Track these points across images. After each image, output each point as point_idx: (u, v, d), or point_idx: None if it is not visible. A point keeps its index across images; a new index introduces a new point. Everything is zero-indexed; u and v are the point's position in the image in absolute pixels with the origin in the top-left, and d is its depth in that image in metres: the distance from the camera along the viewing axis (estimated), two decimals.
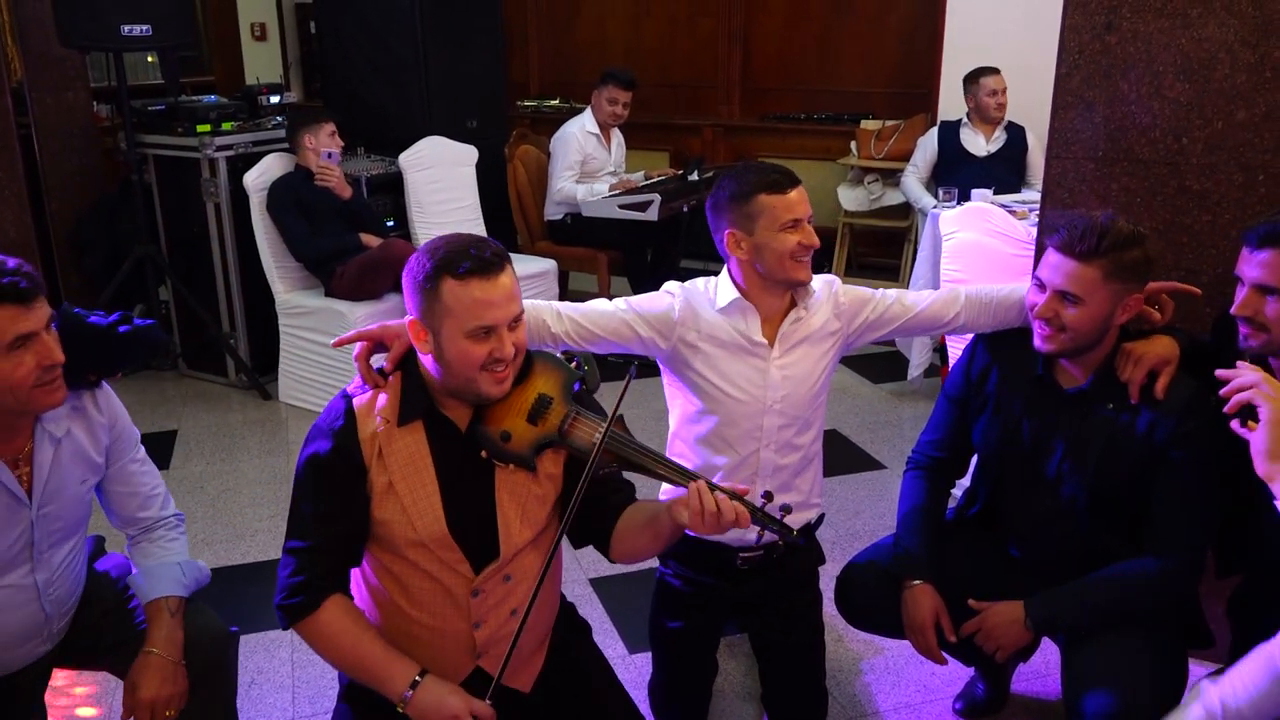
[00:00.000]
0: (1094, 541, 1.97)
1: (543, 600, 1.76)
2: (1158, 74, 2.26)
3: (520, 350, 1.62)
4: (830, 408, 4.24)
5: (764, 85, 6.67)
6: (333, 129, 4.10)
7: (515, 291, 1.60)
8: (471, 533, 1.65)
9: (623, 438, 1.63)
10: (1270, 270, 1.75)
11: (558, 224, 4.99)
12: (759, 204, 1.97)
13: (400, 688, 1.56)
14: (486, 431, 1.64)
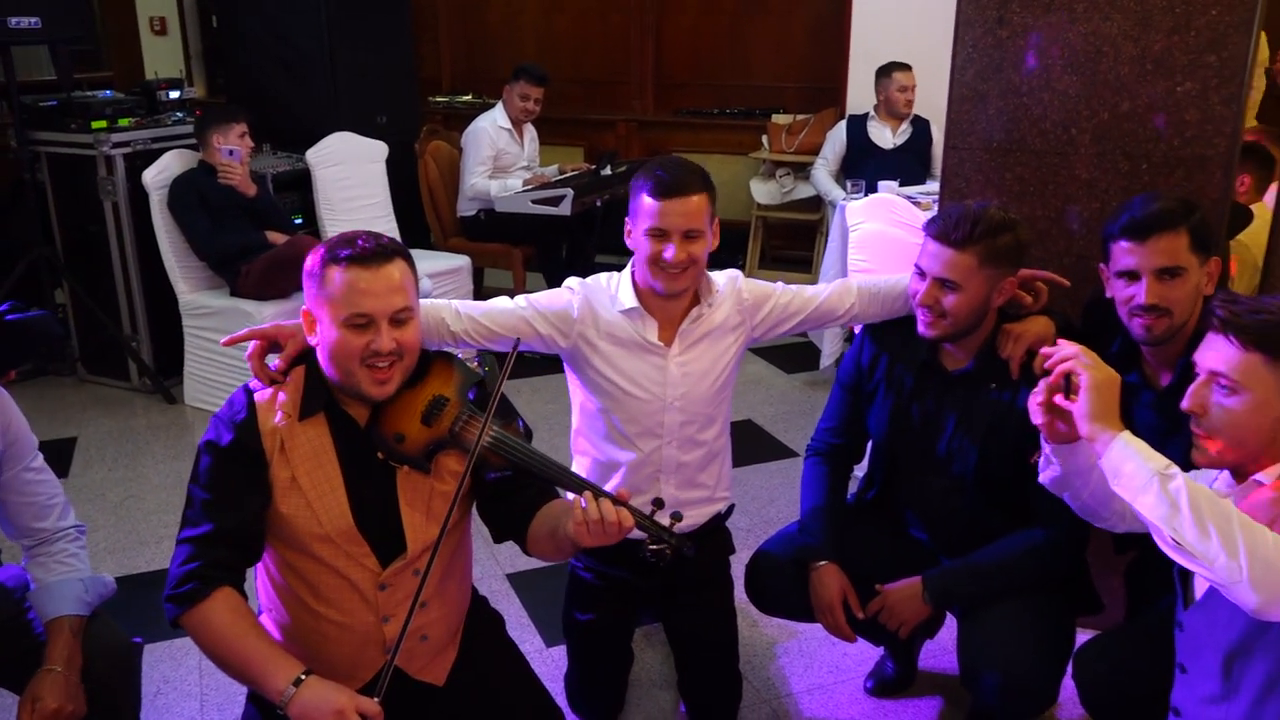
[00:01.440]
0: (985, 517, 2.04)
1: (451, 593, 1.76)
2: (1048, 67, 2.33)
3: (406, 350, 1.60)
4: (744, 398, 4.34)
5: (677, 80, 6.71)
6: (244, 129, 4.00)
7: (402, 286, 1.59)
8: (377, 527, 1.63)
9: (511, 442, 1.62)
10: (1167, 254, 1.83)
11: (471, 220, 4.95)
12: (640, 202, 1.98)
13: (281, 685, 1.48)
14: (381, 433, 1.63)
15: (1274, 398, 1.45)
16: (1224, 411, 1.48)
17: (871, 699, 2.44)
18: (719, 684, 2.30)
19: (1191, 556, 1.36)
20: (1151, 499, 1.39)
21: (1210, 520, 1.33)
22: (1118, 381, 1.54)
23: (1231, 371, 1.46)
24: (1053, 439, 1.63)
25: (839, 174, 5.21)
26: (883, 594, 2.03)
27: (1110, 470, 1.46)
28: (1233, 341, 1.46)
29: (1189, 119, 2.23)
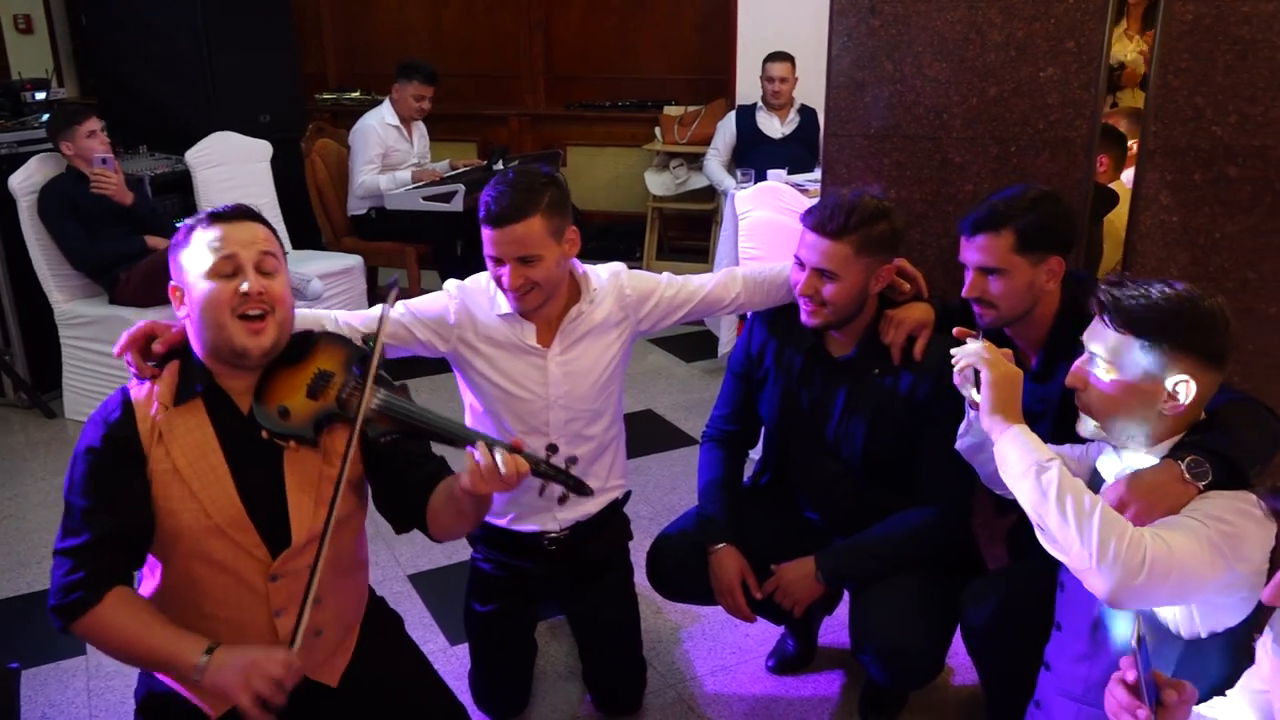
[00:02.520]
0: (874, 497, 2.10)
1: (346, 589, 1.73)
2: (918, 54, 2.40)
3: (276, 302, 1.58)
4: (644, 388, 4.37)
5: (568, 74, 6.70)
6: (93, 128, 3.78)
7: (265, 238, 1.60)
8: (265, 516, 1.59)
9: (398, 402, 1.61)
10: (986, 253, 1.93)
11: (362, 219, 4.86)
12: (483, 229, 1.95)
13: (193, 659, 1.47)
14: (265, 409, 1.59)
15: (1145, 381, 1.50)
16: (1098, 390, 1.55)
17: (773, 677, 2.49)
18: (623, 671, 2.32)
19: (1054, 540, 1.44)
20: (1027, 486, 1.47)
21: (1072, 511, 1.41)
22: (1018, 377, 1.61)
23: (1107, 352, 1.53)
24: (974, 406, 1.70)
25: (730, 163, 5.28)
26: (777, 574, 2.08)
27: (999, 458, 1.55)
28: (1109, 324, 1.53)
29: (1051, 103, 2.33)
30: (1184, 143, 2.28)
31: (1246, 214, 2.28)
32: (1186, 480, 1.47)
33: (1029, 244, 1.91)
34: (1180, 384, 1.49)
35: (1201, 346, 1.49)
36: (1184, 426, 1.55)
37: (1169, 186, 2.32)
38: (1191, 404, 1.51)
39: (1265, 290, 2.31)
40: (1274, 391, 2.32)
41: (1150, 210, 2.35)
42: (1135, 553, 1.37)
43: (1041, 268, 1.94)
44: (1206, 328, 1.50)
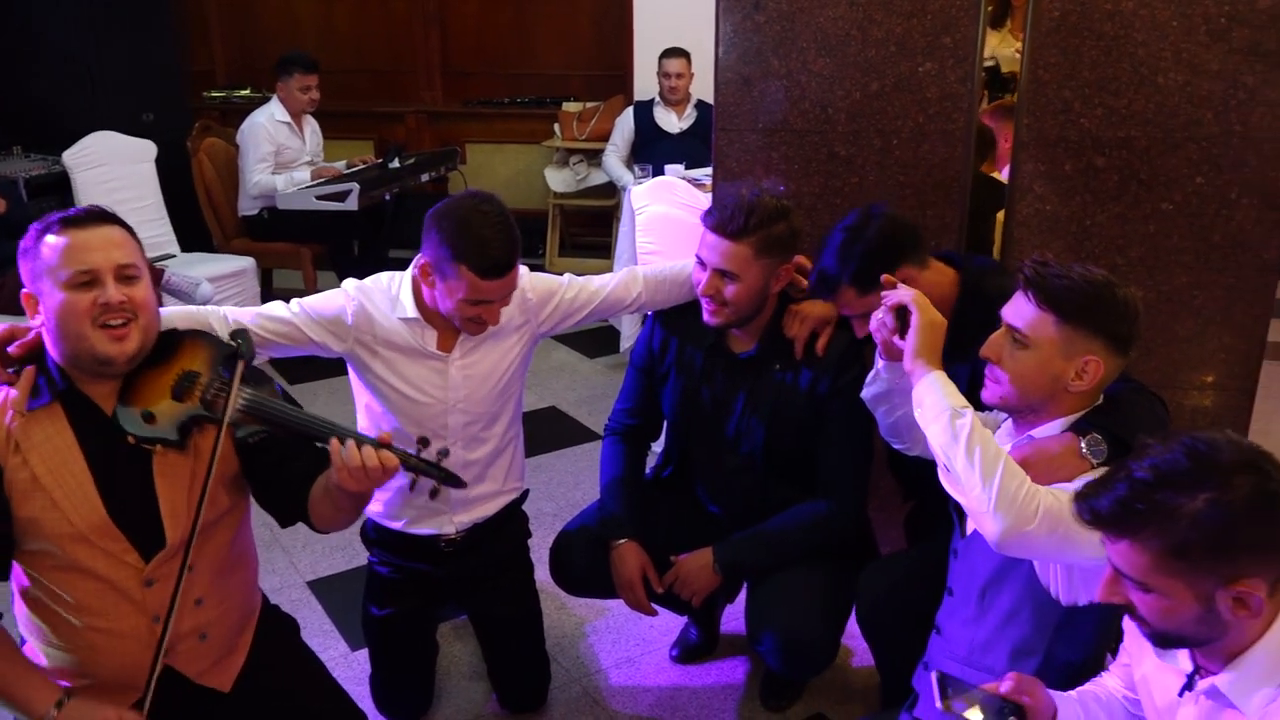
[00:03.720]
0: (774, 492, 2.14)
1: (233, 591, 1.70)
2: (803, 50, 2.45)
3: (139, 308, 1.54)
4: (548, 385, 4.36)
5: (465, 69, 6.63)
6: None
7: (123, 244, 1.55)
8: (135, 520, 1.55)
9: (266, 402, 1.58)
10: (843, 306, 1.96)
11: (254, 219, 4.74)
12: (460, 272, 1.90)
13: (42, 710, 1.45)
14: (129, 413, 1.55)
15: (1057, 358, 1.58)
16: (1013, 362, 1.61)
17: (677, 666, 2.52)
18: (527, 668, 2.32)
19: (957, 481, 1.52)
20: (939, 428, 1.55)
21: (980, 455, 1.49)
22: (943, 326, 1.68)
23: (1025, 326, 1.60)
24: (887, 356, 1.78)
25: (629, 159, 5.30)
26: (676, 565, 2.10)
27: (916, 399, 1.62)
28: (1031, 299, 1.60)
29: (930, 96, 2.40)
30: (1055, 135, 2.37)
31: (1114, 202, 2.39)
32: (1083, 455, 1.55)
33: (867, 282, 1.89)
34: (1090, 362, 1.57)
35: (1112, 331, 1.57)
36: (1083, 405, 1.63)
37: (1042, 177, 2.41)
38: (1095, 384, 1.59)
39: (1133, 275, 2.41)
40: (1146, 369, 2.44)
41: (1026, 200, 2.44)
42: (1030, 502, 1.45)
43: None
44: (1119, 314, 1.58)
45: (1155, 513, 1.15)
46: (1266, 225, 2.33)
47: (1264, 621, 1.20)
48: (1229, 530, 1.12)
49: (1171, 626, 1.22)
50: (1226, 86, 2.26)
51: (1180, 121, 2.30)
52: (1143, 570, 1.18)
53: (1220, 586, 1.15)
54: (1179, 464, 1.15)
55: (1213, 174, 2.31)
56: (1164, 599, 1.19)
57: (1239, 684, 1.21)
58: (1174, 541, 1.14)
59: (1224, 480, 1.13)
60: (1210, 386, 2.47)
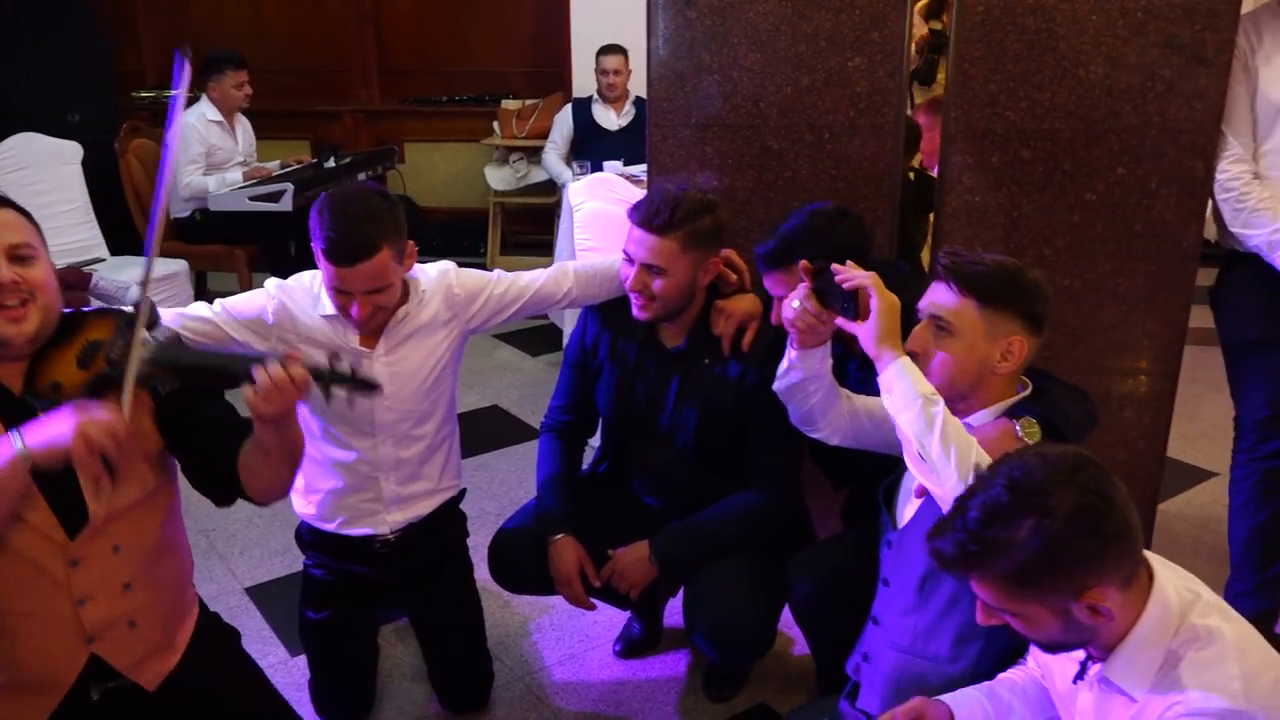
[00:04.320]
0: (708, 484, 2.16)
1: (164, 577, 1.66)
2: (734, 45, 2.46)
3: (36, 288, 1.50)
4: (490, 384, 4.34)
5: (402, 68, 6.57)
6: None
7: (14, 223, 1.52)
8: (58, 499, 1.51)
9: (169, 349, 1.55)
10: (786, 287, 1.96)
11: (185, 222, 4.65)
12: (319, 256, 1.88)
13: (9, 451, 1.39)
14: (36, 388, 1.51)
15: (982, 342, 1.64)
16: (939, 352, 1.65)
17: (621, 661, 2.52)
18: (468, 668, 2.31)
19: (931, 470, 1.53)
20: (911, 416, 1.56)
21: (954, 444, 1.51)
22: (899, 306, 1.68)
23: (947, 314, 1.65)
24: (802, 345, 1.78)
25: (569, 156, 5.29)
26: (613, 559, 2.11)
27: (884, 385, 1.62)
28: (952, 287, 1.65)
29: (860, 91, 2.43)
30: (981, 127, 2.41)
31: (1040, 193, 2.43)
32: (1018, 438, 1.60)
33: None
34: (1013, 342, 1.63)
35: (1029, 311, 1.64)
36: (1009, 391, 1.69)
37: (970, 169, 2.45)
38: (1018, 365, 1.65)
39: (1060, 264, 2.47)
40: (1074, 355, 2.50)
41: (955, 192, 2.48)
42: None
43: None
44: (1033, 295, 1.66)
45: (989, 550, 1.21)
46: (1185, 214, 2.39)
47: (1133, 611, 1.26)
48: (1058, 551, 1.19)
49: (1044, 639, 1.29)
50: (1144, 79, 2.32)
51: (1101, 114, 2.35)
52: (997, 599, 1.25)
53: (1071, 600, 1.22)
54: (1001, 499, 1.21)
55: (1133, 164, 2.37)
56: (1026, 620, 1.26)
57: (1122, 670, 1.27)
58: (1013, 571, 1.21)
59: (1043, 504, 1.19)
60: (1135, 371, 2.54)
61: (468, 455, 3.60)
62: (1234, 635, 1.24)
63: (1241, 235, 2.35)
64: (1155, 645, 1.25)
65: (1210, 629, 1.24)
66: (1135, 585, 1.26)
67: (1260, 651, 1.24)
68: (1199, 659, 1.22)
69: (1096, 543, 1.20)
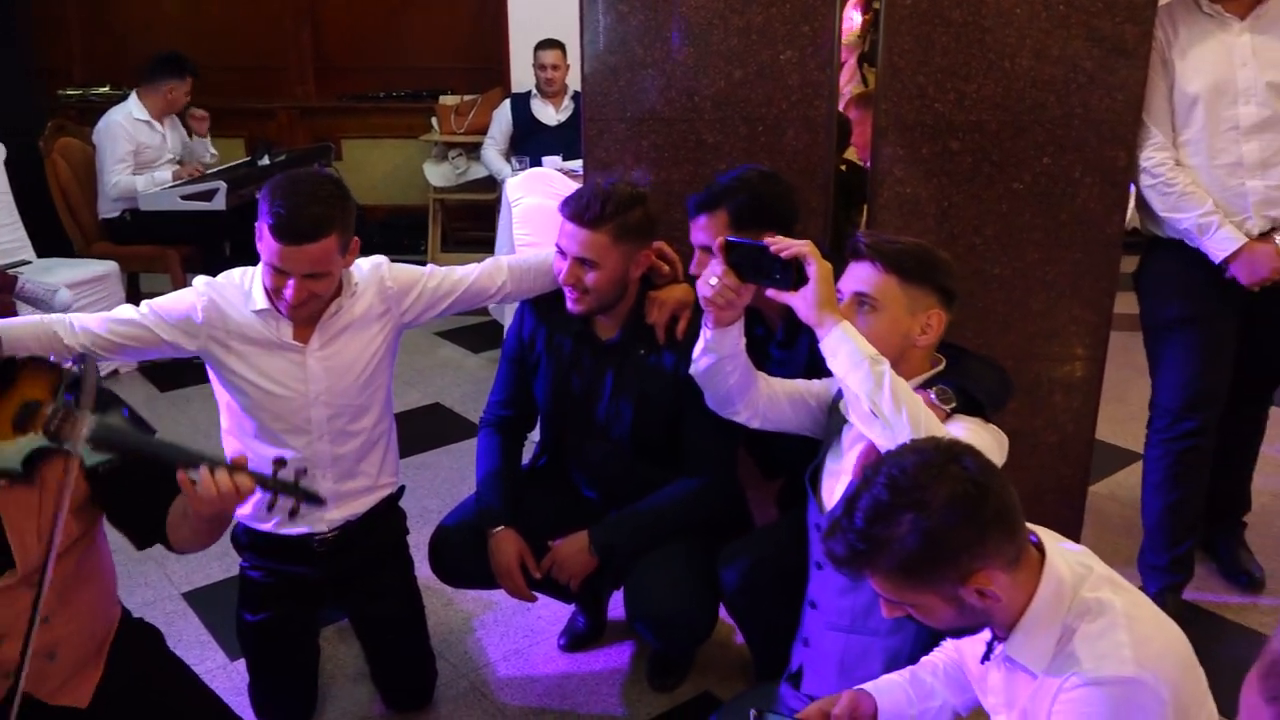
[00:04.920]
0: (646, 474, 2.17)
1: (84, 606, 1.63)
2: (666, 39, 2.47)
3: None
4: (432, 382, 4.31)
5: (339, 64, 6.49)
6: None
7: None
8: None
9: (111, 427, 1.52)
10: (706, 232, 2.03)
11: (115, 222, 4.55)
12: (263, 232, 1.87)
13: None
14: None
15: (904, 315, 1.72)
16: (866, 327, 1.70)
17: (566, 654, 2.52)
18: (411, 666, 2.30)
19: (885, 427, 1.58)
20: (861, 376, 1.60)
21: (905, 402, 1.57)
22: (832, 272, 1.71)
23: (872, 290, 1.72)
24: (717, 324, 1.80)
25: (508, 152, 5.27)
26: (553, 550, 2.11)
27: (829, 350, 1.65)
28: (875, 265, 1.72)
29: (792, 84, 2.45)
30: (912, 119, 2.45)
31: (969, 183, 2.48)
32: (936, 405, 1.67)
33: (743, 221, 2.01)
34: (932, 315, 1.73)
35: (944, 285, 1.75)
36: (927, 364, 1.78)
37: (901, 161, 2.49)
38: (935, 338, 1.75)
39: (989, 253, 2.52)
40: (1004, 342, 2.55)
41: (887, 183, 2.51)
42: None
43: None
44: (945, 270, 1.76)
45: (875, 548, 1.26)
46: (1108, 202, 2.45)
47: (1026, 590, 1.30)
48: (939, 541, 1.23)
49: (944, 626, 1.34)
50: (1068, 71, 2.37)
51: (1027, 105, 2.40)
52: (892, 592, 1.30)
53: (959, 586, 1.26)
54: (881, 498, 1.26)
55: (1058, 154, 2.43)
56: (923, 609, 1.30)
57: (1021, 647, 1.31)
58: (900, 565, 1.25)
59: (919, 499, 1.24)
60: (1064, 357, 2.60)
61: (410, 453, 3.59)
62: (1124, 605, 1.28)
63: (1171, 219, 2.41)
64: (1051, 621, 1.29)
65: (1101, 601, 1.28)
66: (1025, 565, 1.30)
67: (1150, 619, 1.29)
68: (1090, 631, 1.26)
69: (975, 529, 1.24)
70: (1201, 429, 2.46)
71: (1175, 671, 1.25)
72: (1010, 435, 2.63)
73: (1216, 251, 2.37)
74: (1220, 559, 2.78)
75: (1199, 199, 2.36)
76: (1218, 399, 2.47)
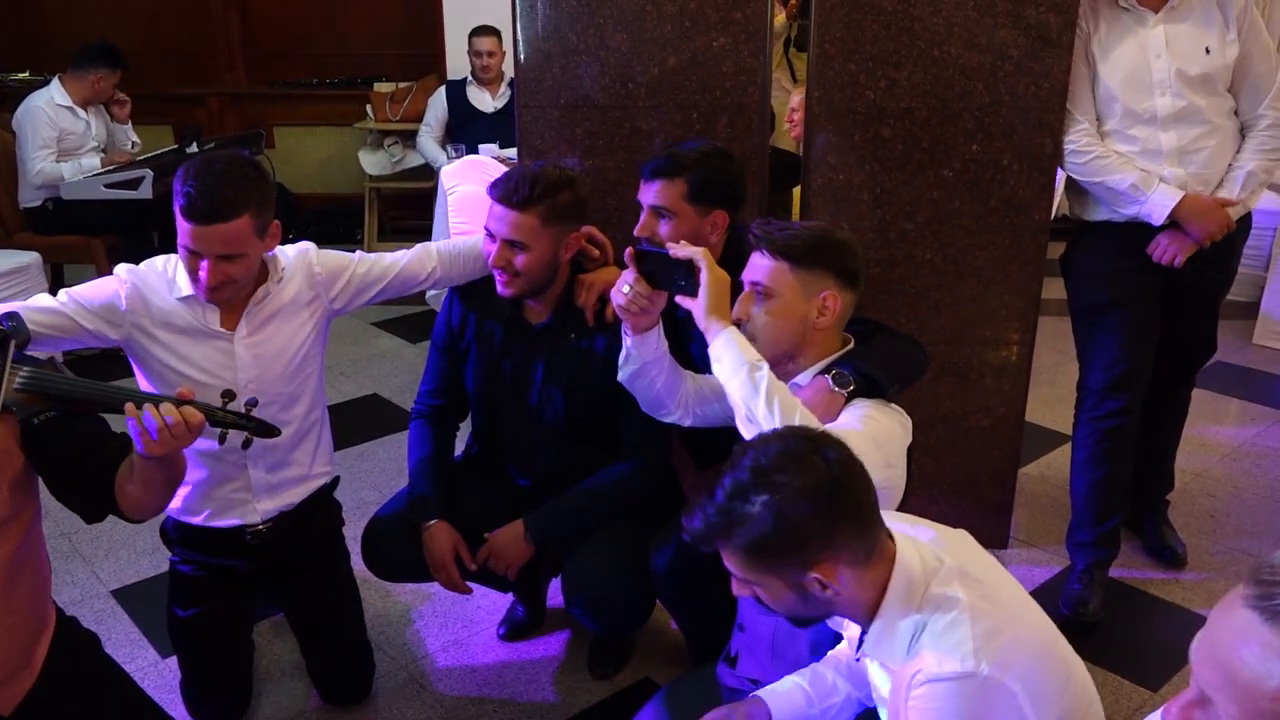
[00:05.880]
0: (581, 459, 2.16)
1: (17, 604, 1.57)
2: (600, 25, 2.46)
3: None
4: (369, 372, 4.26)
5: (270, 50, 6.36)
6: None
7: None
8: None
9: (44, 376, 1.48)
10: (660, 196, 2.07)
11: (36, 211, 4.41)
12: (177, 210, 1.83)
13: None
14: None
15: (799, 301, 1.72)
16: (762, 316, 1.73)
17: (505, 644, 2.51)
18: (347, 659, 2.28)
19: (761, 430, 1.56)
20: (739, 381, 1.62)
21: (779, 406, 1.58)
22: (729, 282, 1.74)
23: (765, 279, 1.72)
24: (635, 331, 1.82)
25: (445, 139, 5.21)
26: (489, 541, 2.10)
27: (714, 357, 1.67)
28: (765, 254, 1.73)
29: (725, 71, 2.46)
30: (843, 107, 2.48)
31: (900, 170, 2.51)
32: (834, 390, 1.68)
33: (698, 194, 2.06)
34: (828, 298, 1.72)
35: (839, 266, 1.73)
36: (833, 346, 1.78)
37: (833, 148, 2.51)
38: (836, 320, 1.75)
39: (921, 239, 2.56)
40: (936, 326, 2.60)
41: (819, 170, 2.54)
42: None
43: (707, 219, 2.08)
44: (841, 251, 1.75)
45: (728, 523, 1.27)
46: (1035, 189, 2.51)
47: (877, 586, 1.31)
48: (787, 526, 1.24)
49: (786, 611, 1.35)
50: (995, 59, 2.41)
51: (955, 93, 2.44)
52: (739, 569, 1.31)
53: (802, 574, 1.28)
54: (742, 478, 1.27)
55: (986, 142, 2.47)
56: (769, 591, 1.32)
57: (877, 643, 1.33)
58: (748, 543, 1.27)
59: (777, 482, 1.25)
60: (994, 341, 2.65)
61: (346, 444, 3.54)
62: (970, 598, 1.29)
63: (1109, 182, 2.38)
64: (902, 617, 1.30)
65: (948, 596, 1.29)
66: (878, 562, 1.31)
67: (1001, 612, 1.29)
68: (936, 626, 1.28)
69: (825, 520, 1.25)
70: (1126, 408, 2.52)
71: (1027, 664, 1.25)
72: (942, 418, 2.71)
73: (1160, 208, 2.34)
74: (1145, 536, 2.86)
75: (1129, 165, 2.39)
76: (1142, 379, 2.53)
